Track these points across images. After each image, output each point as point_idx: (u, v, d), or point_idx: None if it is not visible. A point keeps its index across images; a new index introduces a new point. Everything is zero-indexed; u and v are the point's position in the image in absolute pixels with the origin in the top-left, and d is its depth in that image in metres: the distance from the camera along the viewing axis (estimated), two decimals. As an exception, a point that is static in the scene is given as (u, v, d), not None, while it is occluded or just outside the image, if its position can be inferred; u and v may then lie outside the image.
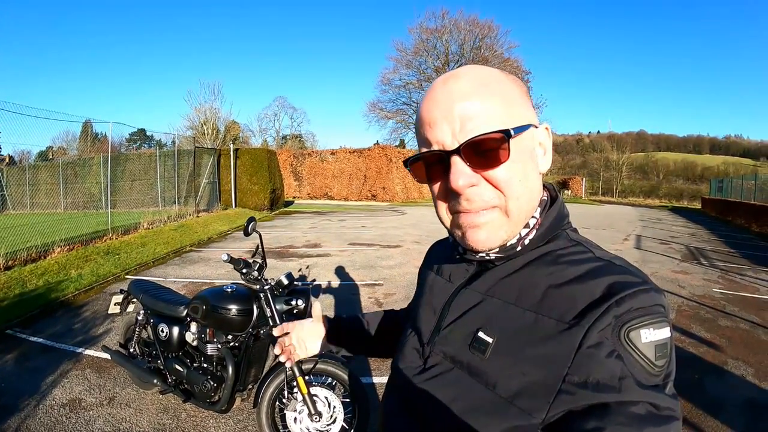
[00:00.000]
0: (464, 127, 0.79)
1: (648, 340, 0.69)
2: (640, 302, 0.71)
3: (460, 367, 0.84)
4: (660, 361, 0.70)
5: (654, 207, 42.14)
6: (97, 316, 6.21)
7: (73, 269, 8.44)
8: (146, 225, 13.28)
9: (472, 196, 0.81)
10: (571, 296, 0.76)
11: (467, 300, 0.90)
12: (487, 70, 0.85)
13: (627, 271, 0.77)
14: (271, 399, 3.16)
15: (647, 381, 0.68)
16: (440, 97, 0.82)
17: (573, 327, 0.72)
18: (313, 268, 9.44)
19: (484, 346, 0.81)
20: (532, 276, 0.83)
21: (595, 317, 0.71)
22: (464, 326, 0.87)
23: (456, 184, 0.80)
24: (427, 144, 0.85)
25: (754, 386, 4.57)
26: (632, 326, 0.70)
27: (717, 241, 15.81)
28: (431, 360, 0.92)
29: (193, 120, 47.01)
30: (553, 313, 0.76)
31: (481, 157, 0.79)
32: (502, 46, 50.28)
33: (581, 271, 0.79)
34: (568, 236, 0.89)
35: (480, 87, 0.81)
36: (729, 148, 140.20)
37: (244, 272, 3.19)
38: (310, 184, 36.66)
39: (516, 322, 0.79)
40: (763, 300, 7.94)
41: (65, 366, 4.65)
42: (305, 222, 18.95)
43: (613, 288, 0.73)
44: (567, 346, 0.72)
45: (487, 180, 0.81)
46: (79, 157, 29.67)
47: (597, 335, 0.70)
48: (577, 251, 0.84)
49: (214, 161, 20.48)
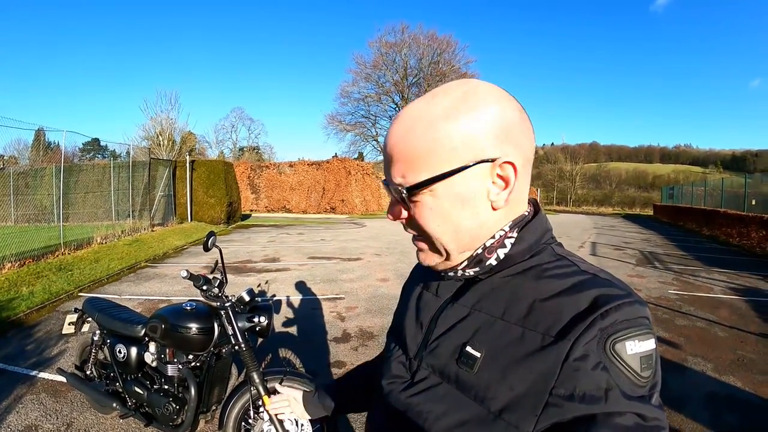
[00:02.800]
0: (390, 169, 0.85)
1: (633, 352, 0.71)
2: (624, 315, 0.72)
3: (449, 381, 0.85)
4: (645, 372, 0.71)
5: (607, 215, 43.37)
6: (50, 337, 5.97)
7: (25, 286, 8.10)
8: (100, 239, 12.90)
9: (405, 225, 0.90)
10: (556, 310, 0.77)
11: (455, 314, 0.91)
12: (423, 111, 0.83)
13: (611, 284, 0.78)
14: (237, 420, 3.08)
15: (633, 392, 0.69)
16: (388, 135, 0.87)
17: (559, 340, 0.73)
18: (272, 282, 9.31)
19: (472, 361, 0.81)
20: (518, 290, 0.84)
21: (581, 330, 0.72)
22: (452, 340, 0.88)
23: (388, 215, 0.92)
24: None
25: (714, 380, 4.81)
26: (617, 338, 0.71)
27: (670, 245, 16.37)
28: (419, 374, 0.92)
29: (149, 130, 46.01)
30: (539, 327, 0.77)
31: (400, 202, 0.87)
32: (460, 61, 51.21)
33: (566, 284, 0.80)
34: (553, 250, 0.89)
35: (407, 132, 0.83)
36: (678, 156, 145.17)
37: (204, 289, 3.11)
38: (268, 197, 36.19)
39: (503, 336, 0.80)
40: (717, 299, 8.33)
41: (19, 390, 4.44)
42: (263, 236, 18.72)
43: (598, 301, 0.74)
44: (553, 360, 0.72)
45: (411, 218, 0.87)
46: (30, 167, 28.74)
47: (583, 348, 0.71)
48: (562, 265, 0.85)
49: (169, 173, 20.05)
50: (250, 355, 3.00)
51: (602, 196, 73.62)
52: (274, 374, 3.10)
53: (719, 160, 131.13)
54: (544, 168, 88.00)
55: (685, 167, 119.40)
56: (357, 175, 35.20)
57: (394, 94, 52.39)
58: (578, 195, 72.23)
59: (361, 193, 35.50)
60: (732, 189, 22.98)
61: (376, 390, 1.07)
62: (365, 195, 35.90)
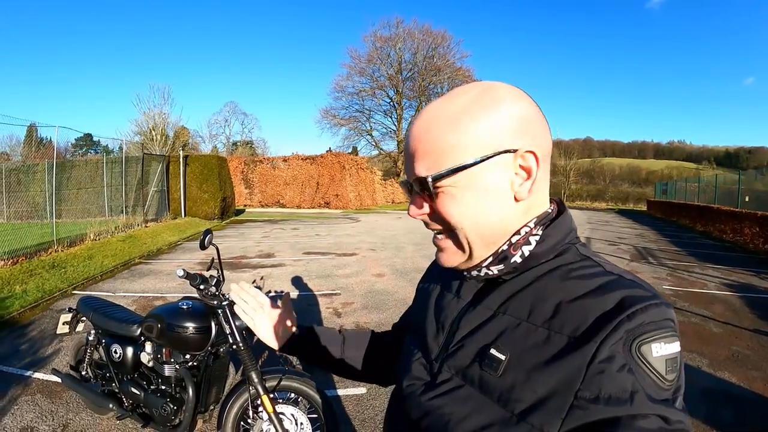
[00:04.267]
0: (413, 165, 0.87)
1: (659, 354, 0.70)
2: (651, 316, 0.72)
3: (472, 384, 0.84)
4: (670, 375, 0.71)
5: (601, 210, 43.45)
6: (44, 336, 5.92)
7: (18, 284, 8.04)
8: (93, 236, 12.82)
9: (427, 222, 0.90)
10: (582, 311, 0.76)
11: (478, 316, 0.90)
12: (450, 105, 0.86)
13: (637, 286, 0.78)
14: (236, 420, 3.06)
15: (658, 395, 0.69)
16: (408, 132, 0.89)
17: (584, 342, 0.73)
18: (267, 279, 9.28)
19: (496, 363, 0.81)
20: (543, 291, 0.83)
21: (607, 332, 0.71)
22: (475, 343, 0.87)
23: (409, 212, 0.91)
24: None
25: (710, 375, 4.85)
26: (643, 340, 0.70)
27: (664, 241, 16.44)
28: (441, 376, 0.91)
29: (142, 125, 45.79)
30: (564, 329, 0.76)
31: (424, 195, 0.87)
32: (455, 56, 51.38)
33: (592, 285, 0.79)
34: (578, 250, 0.89)
35: (429, 128, 0.85)
36: (672, 152, 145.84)
37: (201, 288, 3.09)
38: (262, 192, 36.11)
39: (528, 338, 0.80)
40: (712, 294, 8.37)
41: (14, 391, 4.40)
42: (257, 231, 18.70)
43: (624, 302, 0.74)
44: (579, 362, 0.72)
45: (435, 212, 0.87)
46: (23, 163, 28.56)
47: (608, 349, 0.70)
48: (587, 265, 0.85)
49: (162, 168, 19.97)
50: (248, 354, 2.99)
51: (596, 192, 74.03)
52: (272, 373, 3.08)
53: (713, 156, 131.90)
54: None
55: (679, 163, 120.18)
56: (351, 170, 35.20)
57: (389, 89, 52.49)
58: (572, 190, 72.44)
59: (356, 188, 35.52)
60: (725, 185, 23.09)
61: (396, 389, 1.07)
62: (359, 190, 35.92)
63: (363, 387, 4.49)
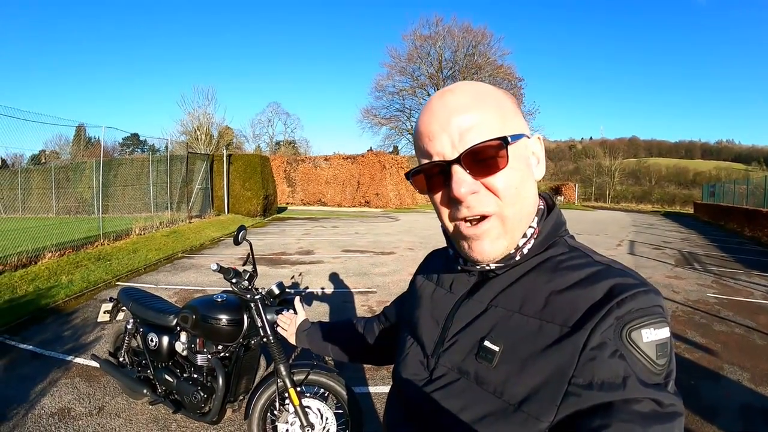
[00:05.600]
0: (463, 137, 0.82)
1: (649, 340, 0.72)
2: (640, 303, 0.74)
3: (467, 377, 0.85)
4: (661, 359, 0.72)
5: (646, 212, 42.36)
6: (86, 324, 6.15)
7: (64, 275, 8.37)
8: (138, 231, 13.21)
9: (472, 203, 0.83)
10: (572, 301, 0.78)
11: (471, 310, 0.92)
12: (480, 85, 0.89)
13: (626, 274, 0.80)
14: (263, 410, 3.11)
15: (650, 379, 0.70)
16: (438, 111, 0.85)
17: (576, 330, 0.75)
18: (306, 275, 9.39)
19: (491, 355, 0.82)
20: (534, 283, 0.86)
21: (597, 319, 0.73)
22: (470, 336, 0.89)
23: (458, 192, 0.82)
24: (428, 156, 0.88)
25: (750, 391, 4.59)
26: (633, 326, 0.72)
27: (710, 246, 15.90)
28: (437, 371, 0.92)
29: (187, 125, 46.84)
30: (556, 319, 0.78)
31: (480, 165, 0.82)
32: (495, 53, 50.58)
33: (581, 275, 0.82)
34: (566, 243, 0.92)
35: (475, 100, 0.84)
36: (720, 153, 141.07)
37: (234, 282, 3.15)
38: (304, 191, 36.51)
39: (521, 329, 0.81)
40: (758, 304, 7.97)
41: (54, 374, 4.59)
42: (298, 228, 18.91)
43: (613, 290, 0.76)
44: (571, 350, 0.74)
45: (487, 187, 0.83)
46: (71, 161, 29.49)
47: (599, 336, 0.72)
48: (575, 256, 0.88)
49: (206, 167, 20.42)
50: (278, 347, 3.03)
51: (641, 193, 72.23)
52: (301, 367, 3.12)
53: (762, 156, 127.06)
54: (582, 163, 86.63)
55: (727, 164, 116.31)
56: (392, 169, 35.18)
57: (429, 87, 52.09)
58: (617, 191, 70.76)
59: (396, 187, 35.48)
60: (776, 188, 22.22)
61: (394, 385, 1.09)
62: (399, 189, 35.86)
63: (393, 384, 4.48)
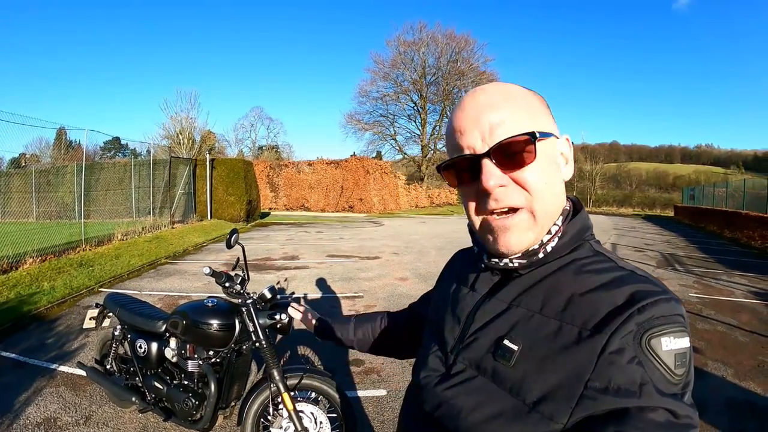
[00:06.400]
0: (493, 132, 0.85)
1: (668, 348, 0.71)
2: (661, 311, 0.73)
3: (485, 375, 0.86)
4: (679, 369, 0.72)
5: (627, 216, 42.88)
6: (71, 331, 6.04)
7: (46, 281, 8.22)
8: (120, 236, 13.06)
9: (500, 196, 0.85)
10: (594, 304, 0.78)
11: (492, 309, 0.93)
12: (511, 85, 0.91)
13: (648, 281, 0.79)
14: (256, 416, 3.08)
15: (666, 389, 0.70)
16: (470, 108, 0.88)
17: (595, 334, 0.74)
18: (291, 280, 9.36)
19: (509, 354, 0.82)
20: (556, 284, 0.86)
21: (618, 324, 0.73)
22: (489, 335, 0.89)
23: (487, 184, 0.84)
24: (459, 150, 0.90)
25: (735, 386, 4.72)
26: (653, 334, 0.71)
27: (691, 248, 16.15)
28: (455, 368, 0.93)
29: (169, 129, 46.36)
30: (576, 321, 0.78)
31: (509, 159, 0.84)
32: (478, 60, 51.18)
33: (604, 279, 0.82)
34: (591, 246, 0.92)
35: (506, 98, 0.87)
36: (700, 157, 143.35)
37: (226, 286, 3.12)
38: (287, 196, 36.38)
39: (540, 330, 0.82)
40: (739, 303, 8.19)
41: (39, 383, 4.50)
42: (282, 234, 18.81)
43: (635, 296, 0.75)
44: (589, 353, 0.73)
45: (515, 181, 0.85)
46: (52, 165, 29.12)
47: (619, 341, 0.72)
48: (600, 260, 0.88)
49: (189, 171, 20.24)
50: (271, 352, 3.01)
51: (622, 197, 72.90)
52: (293, 371, 3.10)
53: (741, 160, 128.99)
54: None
55: (707, 168, 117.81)
56: (375, 174, 35.25)
57: (413, 93, 52.39)
58: (598, 195, 71.35)
59: (379, 192, 35.54)
60: (754, 190, 22.46)
61: (412, 380, 1.09)
62: (383, 194, 35.93)
63: (383, 389, 4.49)
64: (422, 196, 45.20)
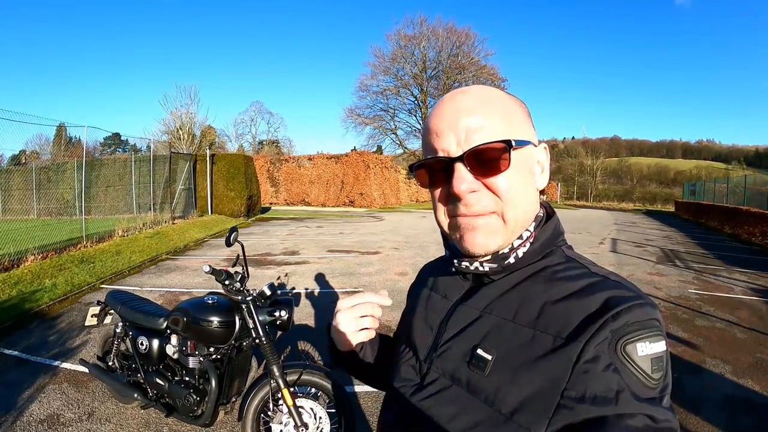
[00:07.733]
0: (469, 137, 0.84)
1: (644, 354, 0.70)
2: (636, 316, 0.72)
3: (459, 384, 0.85)
4: (656, 374, 0.71)
5: (628, 210, 42.82)
6: (73, 328, 6.07)
7: (47, 278, 8.25)
8: (121, 232, 13.06)
9: (471, 201, 0.85)
10: (567, 312, 0.77)
11: (465, 316, 0.91)
12: (492, 90, 0.91)
13: (622, 286, 0.79)
14: (256, 411, 3.12)
15: (644, 394, 0.69)
16: (448, 110, 0.88)
17: (570, 342, 0.73)
18: (291, 275, 9.38)
19: (483, 363, 0.81)
20: (528, 292, 0.85)
21: (592, 332, 0.72)
22: (462, 343, 0.88)
23: (458, 188, 0.84)
24: (433, 152, 0.90)
25: (732, 383, 4.73)
26: (628, 340, 0.71)
27: (691, 243, 16.15)
28: (429, 377, 0.92)
29: (169, 125, 46.22)
30: (550, 329, 0.77)
31: (483, 166, 0.84)
32: (479, 54, 50.81)
33: (577, 286, 0.81)
34: (563, 252, 0.92)
35: (485, 103, 0.87)
36: (701, 152, 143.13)
37: (226, 283, 3.15)
38: (287, 190, 36.38)
39: (514, 338, 0.80)
40: (738, 299, 8.17)
41: (42, 380, 4.53)
42: (282, 229, 18.84)
43: (609, 303, 0.74)
44: (564, 362, 0.72)
45: (487, 187, 0.85)
46: (52, 161, 29.07)
47: (594, 349, 0.71)
48: (572, 267, 0.87)
49: (190, 167, 20.25)
50: (271, 348, 3.04)
51: (623, 192, 72.95)
52: (293, 367, 3.13)
53: (742, 156, 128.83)
54: (564, 162, 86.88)
55: (708, 163, 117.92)
56: (376, 169, 35.21)
57: (413, 87, 52.13)
58: (599, 190, 71.27)
59: (380, 187, 35.53)
60: (755, 186, 22.39)
61: (387, 392, 1.07)
62: (384, 188, 35.92)
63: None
64: (423, 190, 44.91)
